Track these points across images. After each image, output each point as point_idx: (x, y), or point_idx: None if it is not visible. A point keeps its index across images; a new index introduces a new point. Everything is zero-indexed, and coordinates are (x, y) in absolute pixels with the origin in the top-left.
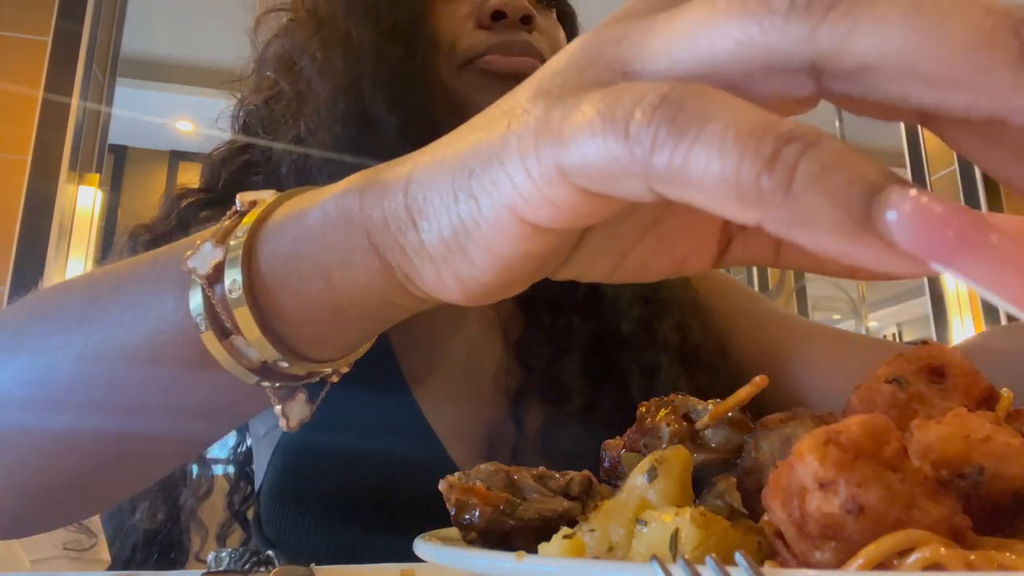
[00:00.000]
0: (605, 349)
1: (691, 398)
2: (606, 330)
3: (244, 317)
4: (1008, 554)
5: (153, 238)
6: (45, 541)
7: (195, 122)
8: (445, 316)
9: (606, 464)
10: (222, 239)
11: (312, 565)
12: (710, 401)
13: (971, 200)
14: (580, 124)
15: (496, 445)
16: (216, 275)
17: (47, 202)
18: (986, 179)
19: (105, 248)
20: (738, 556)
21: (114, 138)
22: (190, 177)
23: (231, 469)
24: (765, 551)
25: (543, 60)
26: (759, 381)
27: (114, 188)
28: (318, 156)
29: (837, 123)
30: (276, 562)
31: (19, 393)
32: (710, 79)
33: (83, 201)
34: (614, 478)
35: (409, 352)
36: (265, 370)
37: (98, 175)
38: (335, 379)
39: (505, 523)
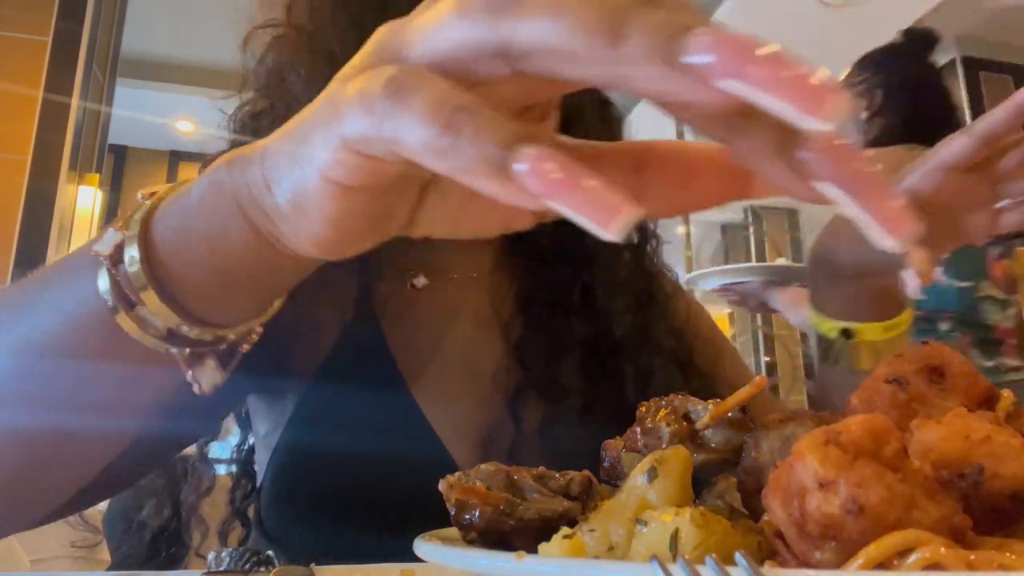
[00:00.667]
0: (602, 350)
1: (691, 398)
2: (603, 332)
3: (143, 288)
4: (1008, 554)
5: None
6: (46, 541)
7: (195, 122)
8: (441, 315)
9: (606, 464)
10: (123, 225)
11: (312, 565)
12: (710, 401)
13: None
14: (347, 100)
15: (494, 443)
16: (118, 255)
17: (47, 202)
18: None
19: None
20: (738, 556)
21: (114, 138)
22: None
23: (234, 467)
24: (765, 551)
25: None
26: (759, 381)
27: (114, 188)
28: None
29: None
30: (276, 562)
31: None
32: (451, 63)
33: (83, 201)
34: (614, 478)
35: (406, 351)
36: (172, 337)
37: (98, 175)
38: (245, 347)
39: (505, 523)
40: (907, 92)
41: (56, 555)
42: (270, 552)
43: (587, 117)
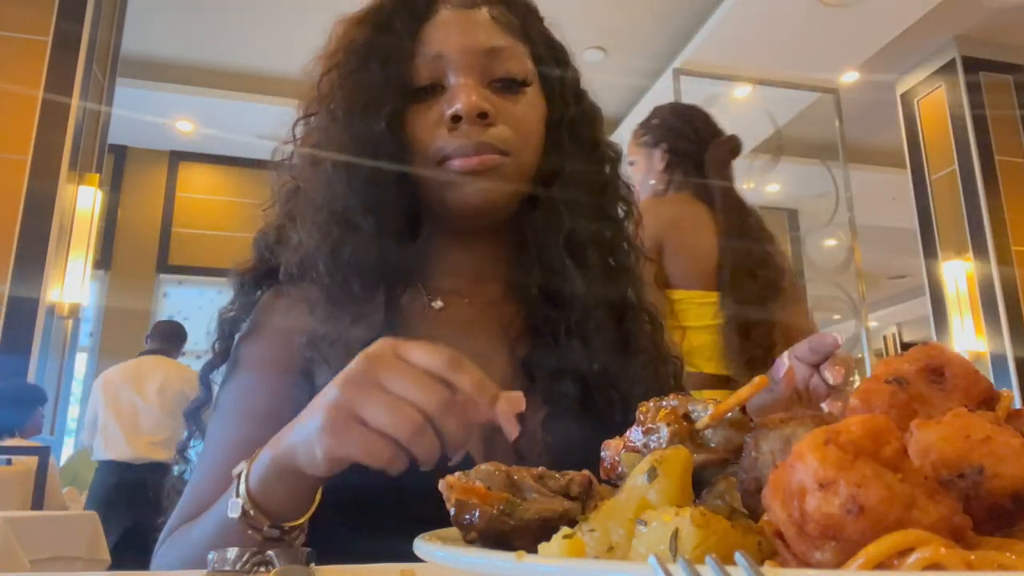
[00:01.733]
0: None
1: (691, 398)
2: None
3: (252, 507)
4: (1008, 554)
5: (232, 317)
6: (46, 541)
7: (195, 122)
8: (456, 331)
9: (606, 464)
10: (237, 481)
11: (312, 565)
12: (710, 401)
13: (971, 199)
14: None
15: (501, 441)
16: (236, 492)
17: (47, 202)
18: (985, 179)
19: (105, 248)
20: (738, 556)
21: (114, 138)
22: (190, 177)
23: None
24: (765, 551)
25: (502, 152)
26: (759, 381)
27: (114, 188)
28: (317, 252)
29: (837, 123)
30: (276, 562)
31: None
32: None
33: (83, 201)
34: (614, 478)
35: None
36: (251, 525)
37: (98, 175)
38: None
39: (505, 523)
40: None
41: (56, 555)
42: (270, 552)
43: (584, 175)
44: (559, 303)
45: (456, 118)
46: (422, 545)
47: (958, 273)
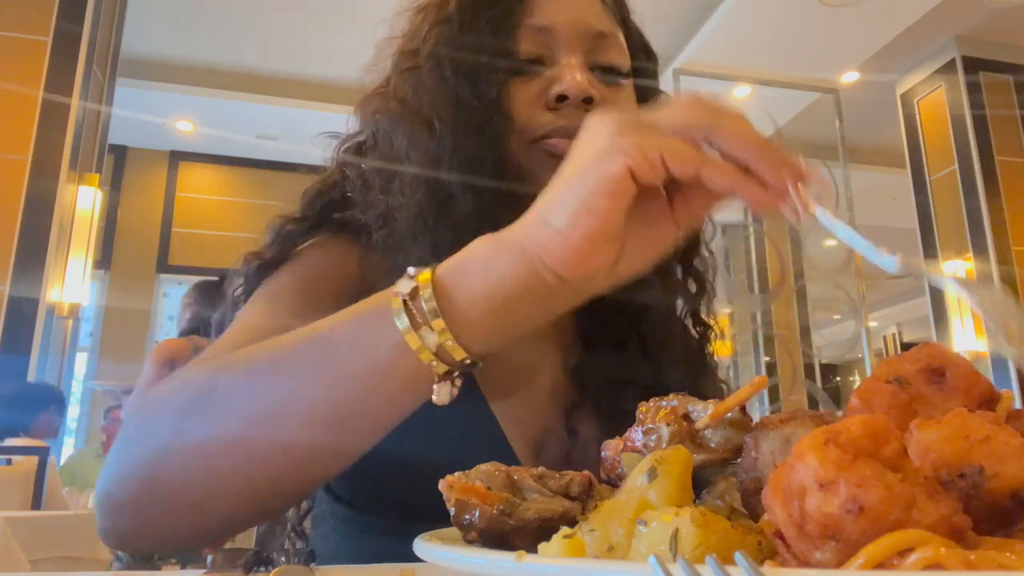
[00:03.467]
0: (656, 390)
1: (691, 398)
2: (656, 376)
3: (434, 315)
4: (1008, 554)
5: (263, 263)
6: (46, 541)
7: (195, 122)
8: (514, 347)
9: (606, 464)
10: (414, 276)
11: (312, 565)
12: (710, 401)
13: (971, 199)
14: (620, 133)
15: (549, 451)
16: (413, 294)
17: (47, 202)
18: (985, 180)
19: (105, 248)
20: (738, 556)
21: (114, 138)
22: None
23: None
24: (765, 551)
25: None
26: (758, 381)
27: (114, 188)
28: (404, 216)
29: (837, 123)
30: (276, 562)
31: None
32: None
33: (83, 201)
34: (614, 478)
35: (486, 373)
36: (438, 355)
37: (98, 175)
38: (475, 370)
39: (505, 523)
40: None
41: (56, 555)
42: (270, 552)
43: None
44: (619, 309)
45: (562, 97)
46: (422, 545)
47: (958, 273)
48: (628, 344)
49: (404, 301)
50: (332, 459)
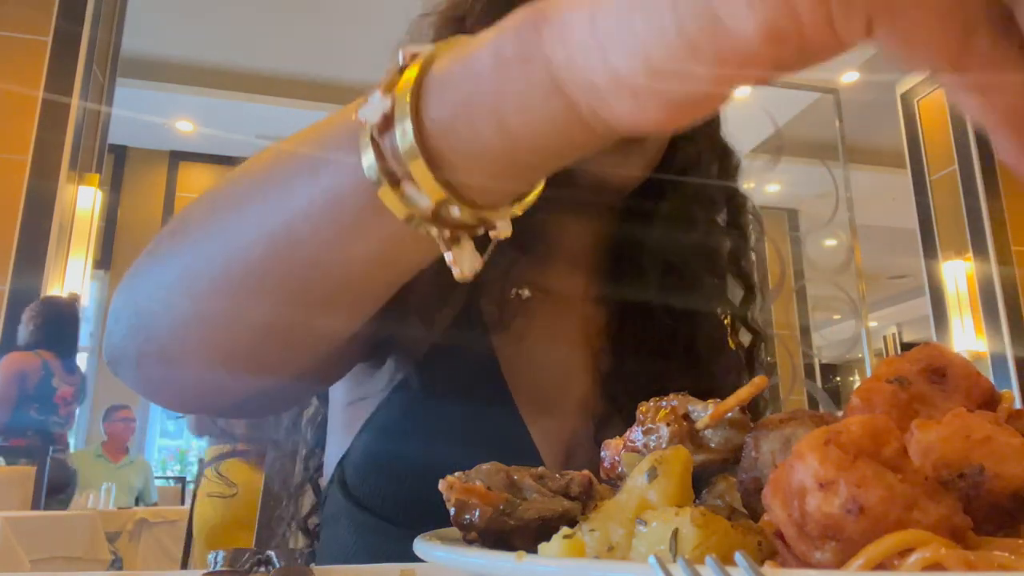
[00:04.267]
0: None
1: (691, 398)
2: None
3: (417, 165)
4: (1008, 554)
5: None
6: (46, 541)
7: (195, 122)
8: (542, 329)
9: (606, 464)
10: (388, 89)
11: (312, 565)
12: (710, 401)
13: (971, 199)
14: None
15: (578, 461)
16: (386, 125)
17: (47, 202)
18: (985, 180)
19: (105, 248)
20: (738, 556)
21: (114, 138)
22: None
23: (308, 435)
24: (765, 551)
25: None
26: (758, 381)
27: (114, 188)
28: None
29: (837, 123)
30: (276, 562)
31: (216, 267)
32: None
33: (83, 201)
34: (614, 478)
35: (508, 355)
36: (435, 218)
37: (98, 175)
38: (503, 234)
39: (505, 523)
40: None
41: (56, 555)
42: (270, 552)
43: (704, 166)
44: (658, 314)
45: None
46: (422, 545)
47: (958, 273)
48: (663, 351)
49: (372, 137)
50: (328, 302)
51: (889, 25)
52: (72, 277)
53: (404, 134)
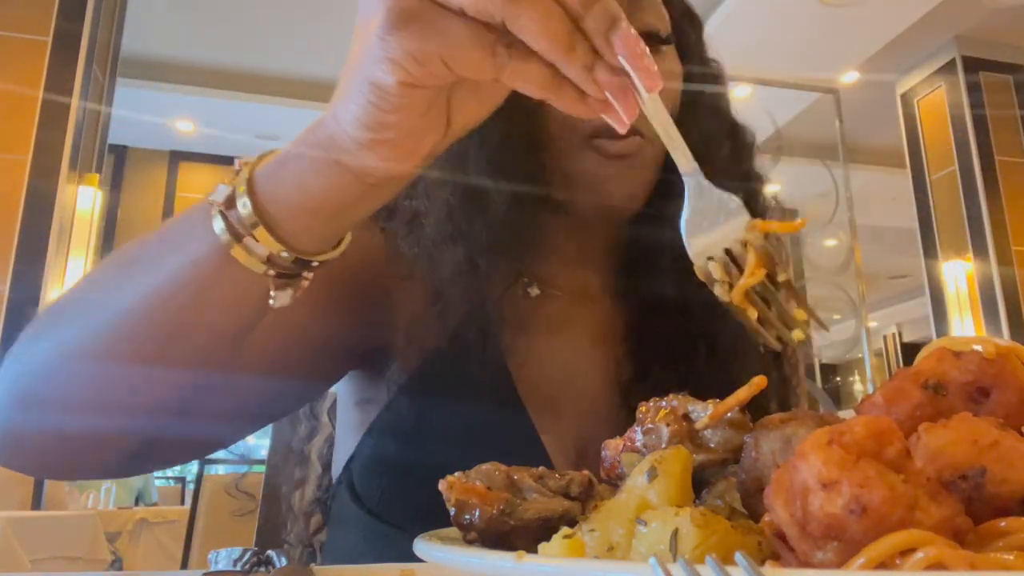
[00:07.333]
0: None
1: (691, 398)
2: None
3: (255, 224)
4: (1009, 555)
5: None
6: (46, 541)
7: (195, 122)
8: (552, 327)
9: (606, 464)
10: (230, 182)
11: (312, 565)
12: (710, 401)
13: (971, 199)
14: (387, 28)
15: (590, 463)
16: (229, 203)
17: (47, 202)
18: (985, 180)
19: (105, 248)
20: (738, 556)
21: (114, 138)
22: (190, 177)
23: (316, 459)
24: (765, 551)
25: (640, 134)
26: (758, 381)
27: (114, 188)
28: (435, 217)
29: (837, 123)
30: (276, 562)
31: (102, 326)
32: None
33: (83, 201)
34: (614, 478)
35: (516, 350)
36: (270, 262)
37: (98, 175)
38: (315, 267)
39: (505, 523)
40: None
41: (56, 555)
42: (270, 552)
43: (714, 148)
44: (674, 318)
45: None
46: (422, 545)
47: (958, 273)
48: (686, 356)
49: (220, 211)
50: (183, 374)
51: (452, 64)
52: (72, 277)
53: (244, 206)
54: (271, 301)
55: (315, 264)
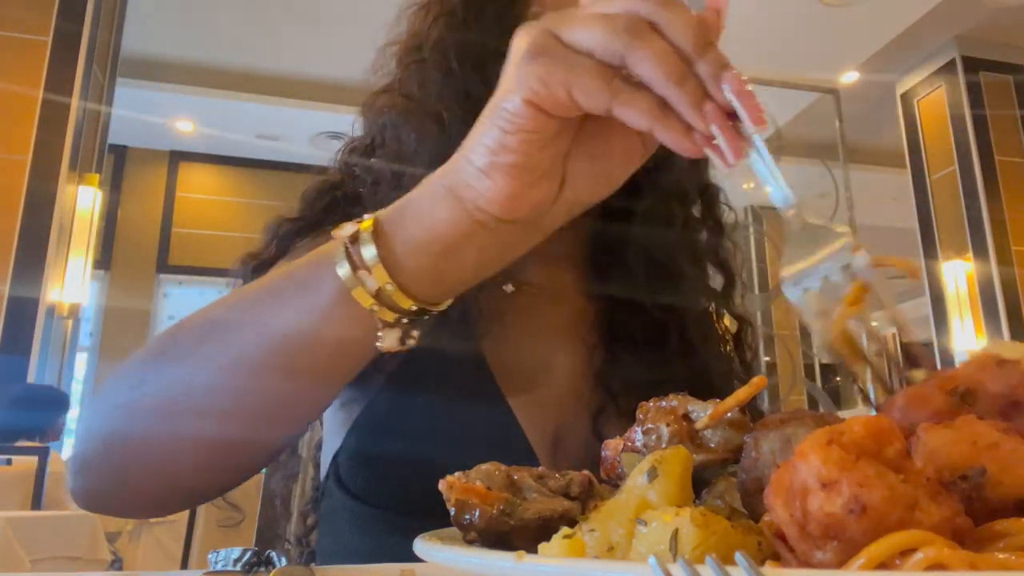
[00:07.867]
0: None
1: (691, 398)
2: (698, 373)
3: (376, 265)
4: (1009, 555)
5: (259, 263)
6: (46, 541)
7: (195, 122)
8: (528, 322)
9: (606, 464)
10: (355, 222)
11: (312, 565)
12: (710, 401)
13: (971, 199)
14: (524, 64)
15: (572, 454)
16: (354, 239)
17: (47, 202)
18: (985, 179)
19: (105, 248)
20: (738, 556)
21: (114, 138)
22: (190, 177)
23: (309, 460)
24: (765, 551)
25: None
26: (758, 382)
27: (114, 188)
28: None
29: (837, 123)
30: (276, 562)
31: (223, 367)
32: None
33: (83, 201)
34: (614, 478)
35: (496, 349)
36: (378, 298)
37: (98, 175)
38: (427, 319)
39: (505, 523)
40: None
41: (56, 555)
42: (271, 552)
43: (675, 160)
44: (644, 305)
45: None
46: (422, 545)
47: (958, 273)
48: (656, 342)
49: (346, 246)
50: (289, 413)
51: (573, 90)
52: (72, 277)
53: (368, 251)
54: (378, 342)
55: (434, 312)
